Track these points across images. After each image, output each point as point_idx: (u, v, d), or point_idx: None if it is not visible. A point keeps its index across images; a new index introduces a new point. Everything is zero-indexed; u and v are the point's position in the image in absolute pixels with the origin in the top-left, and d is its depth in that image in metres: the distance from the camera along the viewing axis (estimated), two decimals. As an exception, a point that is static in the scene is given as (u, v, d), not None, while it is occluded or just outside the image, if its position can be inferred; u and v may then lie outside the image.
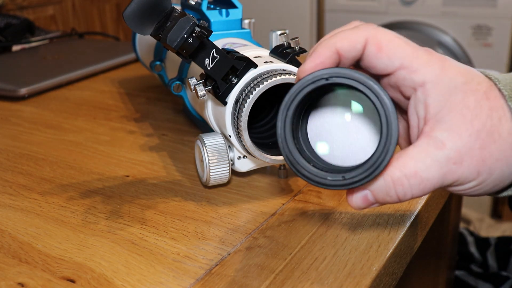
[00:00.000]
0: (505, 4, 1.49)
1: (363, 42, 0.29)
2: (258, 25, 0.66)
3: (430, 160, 0.28)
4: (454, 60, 0.30)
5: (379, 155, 0.28)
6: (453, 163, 0.28)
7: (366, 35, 0.29)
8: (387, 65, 0.29)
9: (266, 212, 0.42)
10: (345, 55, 0.30)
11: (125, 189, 0.46)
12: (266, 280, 0.33)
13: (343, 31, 0.30)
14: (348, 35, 0.30)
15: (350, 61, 0.30)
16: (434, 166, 0.28)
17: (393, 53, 0.29)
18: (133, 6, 0.36)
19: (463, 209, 1.49)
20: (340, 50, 0.30)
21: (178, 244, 0.38)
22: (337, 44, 0.30)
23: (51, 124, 0.64)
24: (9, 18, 1.07)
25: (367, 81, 0.28)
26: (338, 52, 0.30)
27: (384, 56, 0.29)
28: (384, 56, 0.29)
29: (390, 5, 1.63)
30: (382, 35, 0.29)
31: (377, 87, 0.28)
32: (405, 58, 0.29)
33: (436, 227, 0.74)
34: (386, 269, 0.35)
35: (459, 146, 0.28)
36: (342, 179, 0.29)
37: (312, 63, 0.30)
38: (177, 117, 0.65)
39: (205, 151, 0.42)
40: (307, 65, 0.30)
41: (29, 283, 0.34)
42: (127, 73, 0.88)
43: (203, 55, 0.38)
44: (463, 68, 0.30)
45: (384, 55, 0.29)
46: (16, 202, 0.45)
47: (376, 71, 0.30)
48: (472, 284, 0.92)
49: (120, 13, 1.73)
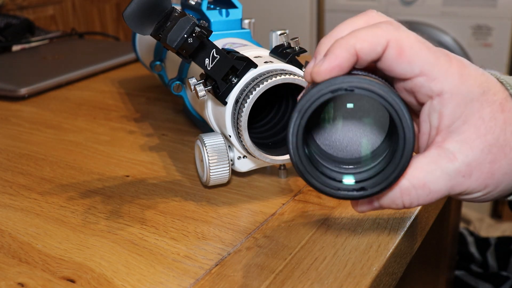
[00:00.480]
0: (505, 4, 1.49)
1: (384, 44, 0.28)
2: (258, 25, 0.66)
3: (440, 173, 0.28)
4: (472, 65, 0.29)
5: (393, 169, 0.28)
6: (462, 176, 0.28)
7: (387, 37, 0.27)
8: (406, 71, 0.28)
9: (266, 212, 0.42)
10: (364, 57, 0.28)
11: (125, 189, 0.46)
12: (266, 280, 0.33)
13: (363, 31, 0.28)
14: (369, 36, 0.28)
15: (367, 62, 0.29)
16: (443, 178, 0.28)
17: (414, 59, 0.28)
18: (133, 6, 0.36)
19: (463, 209, 1.49)
20: (360, 52, 0.28)
21: (178, 244, 0.38)
22: (357, 46, 0.28)
23: (51, 124, 0.64)
24: (9, 18, 1.07)
25: (390, 97, 0.27)
26: (357, 54, 0.28)
27: (405, 62, 0.28)
28: (405, 61, 0.28)
29: (390, 5, 1.63)
30: (404, 39, 0.28)
31: (400, 105, 0.27)
32: (426, 65, 0.28)
33: (436, 227, 0.74)
34: (386, 269, 0.35)
35: (470, 159, 0.28)
36: (353, 190, 0.29)
37: (329, 65, 0.28)
38: (177, 117, 0.65)
39: (205, 151, 0.42)
40: (324, 66, 0.28)
41: (29, 283, 0.34)
42: (127, 73, 0.88)
43: (203, 55, 0.38)
44: (481, 75, 0.29)
45: (405, 60, 0.28)
46: (16, 202, 0.45)
47: (394, 75, 0.29)
48: (472, 284, 0.92)
49: (120, 13, 1.73)
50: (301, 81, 0.39)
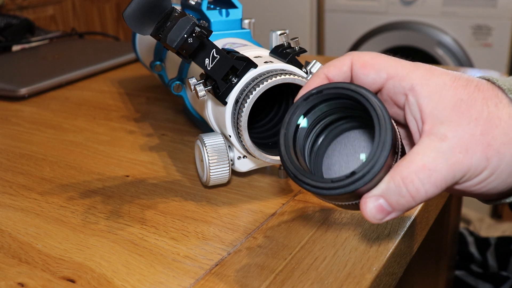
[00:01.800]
0: (505, 4, 1.49)
1: (348, 64, 0.32)
2: (258, 25, 0.66)
3: (436, 153, 0.28)
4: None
5: (376, 149, 0.28)
6: (458, 152, 0.28)
7: (350, 58, 0.32)
8: (375, 79, 0.31)
9: (266, 212, 0.42)
10: (334, 79, 0.32)
11: (125, 189, 0.46)
12: (266, 280, 0.33)
13: (332, 61, 0.33)
14: (334, 62, 0.32)
15: None
16: (440, 158, 0.28)
17: (378, 67, 0.31)
18: (133, 6, 0.36)
19: (463, 209, 1.49)
20: (328, 75, 0.32)
21: (178, 244, 0.38)
22: (325, 71, 0.32)
23: (51, 124, 0.64)
24: (9, 18, 1.08)
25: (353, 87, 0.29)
26: (327, 78, 0.32)
27: (371, 71, 0.31)
28: (370, 71, 0.31)
29: (390, 5, 1.63)
30: (365, 55, 0.32)
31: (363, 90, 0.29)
32: (390, 69, 0.31)
33: (436, 227, 0.74)
34: (386, 269, 0.35)
35: (460, 135, 0.28)
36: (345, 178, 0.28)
37: (303, 90, 0.32)
38: (177, 117, 0.65)
39: (205, 151, 0.42)
40: (300, 94, 0.32)
41: (29, 283, 0.34)
42: (127, 73, 0.88)
43: (203, 55, 0.38)
44: (450, 71, 0.31)
45: (371, 70, 0.31)
46: (16, 202, 0.45)
47: (367, 87, 0.31)
48: (472, 284, 0.92)
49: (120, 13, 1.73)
50: (301, 81, 0.39)
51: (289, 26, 1.59)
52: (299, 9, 1.80)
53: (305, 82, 0.39)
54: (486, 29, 1.53)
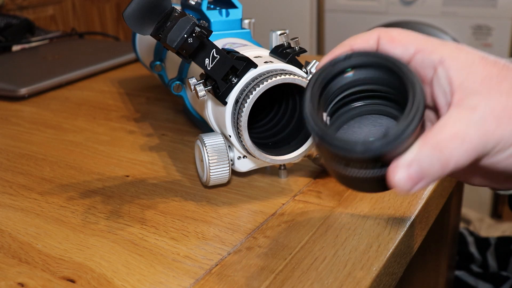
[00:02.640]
0: (505, 4, 1.49)
1: (375, 38, 0.31)
2: (258, 25, 0.66)
3: (466, 122, 0.28)
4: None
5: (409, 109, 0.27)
6: (490, 123, 0.28)
7: (377, 32, 0.32)
8: (403, 53, 0.31)
9: (266, 212, 0.42)
10: None
11: (125, 189, 0.46)
12: (266, 280, 0.33)
13: (358, 34, 0.33)
14: (362, 35, 0.32)
15: None
16: (471, 127, 0.28)
17: (406, 42, 0.31)
18: (133, 6, 0.36)
19: (463, 209, 1.48)
20: (354, 46, 0.32)
21: (178, 244, 0.38)
22: (351, 42, 0.32)
23: (51, 124, 0.64)
24: (9, 18, 1.08)
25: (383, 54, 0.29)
26: (352, 50, 0.31)
27: (399, 45, 0.31)
28: (398, 45, 0.31)
29: (390, 5, 1.63)
30: (392, 30, 0.31)
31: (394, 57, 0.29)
32: (419, 43, 0.30)
33: (436, 227, 0.74)
34: (386, 269, 0.35)
35: (492, 106, 0.28)
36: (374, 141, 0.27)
37: (327, 57, 0.31)
38: (177, 117, 0.65)
39: (205, 151, 0.42)
40: (323, 61, 0.32)
41: (29, 283, 0.34)
42: (127, 73, 0.88)
43: (203, 55, 0.38)
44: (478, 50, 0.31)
45: (399, 45, 0.31)
46: (16, 202, 0.45)
47: None
48: (472, 284, 0.92)
49: (120, 13, 1.73)
50: (301, 81, 0.39)
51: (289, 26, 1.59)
52: (299, 9, 1.80)
53: (305, 83, 0.39)
54: (486, 29, 1.53)
